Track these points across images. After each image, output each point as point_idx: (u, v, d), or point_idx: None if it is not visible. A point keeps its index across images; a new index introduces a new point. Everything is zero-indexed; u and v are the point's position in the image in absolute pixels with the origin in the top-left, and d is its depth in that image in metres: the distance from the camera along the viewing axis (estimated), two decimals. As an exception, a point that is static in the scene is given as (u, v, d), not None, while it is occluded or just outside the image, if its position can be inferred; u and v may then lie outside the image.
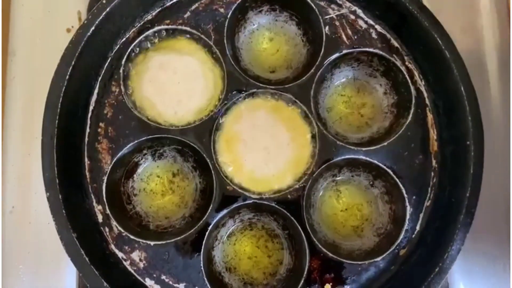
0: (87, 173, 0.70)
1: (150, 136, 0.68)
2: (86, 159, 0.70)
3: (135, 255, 0.69)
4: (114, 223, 0.67)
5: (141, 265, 0.69)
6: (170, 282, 0.68)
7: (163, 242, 0.67)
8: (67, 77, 0.65)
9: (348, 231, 0.72)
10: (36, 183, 0.76)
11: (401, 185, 0.68)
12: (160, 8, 0.73)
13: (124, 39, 0.72)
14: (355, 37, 0.73)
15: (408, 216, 0.67)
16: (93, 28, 0.66)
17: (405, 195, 0.67)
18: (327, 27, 0.72)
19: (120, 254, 0.69)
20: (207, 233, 0.66)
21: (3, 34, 0.80)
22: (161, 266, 0.68)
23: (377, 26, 0.74)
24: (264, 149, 0.69)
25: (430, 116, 0.72)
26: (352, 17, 0.74)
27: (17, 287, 0.75)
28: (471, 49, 0.80)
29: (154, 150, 0.71)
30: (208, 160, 0.68)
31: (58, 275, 0.75)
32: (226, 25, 0.70)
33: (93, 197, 0.70)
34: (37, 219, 0.76)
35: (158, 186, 0.71)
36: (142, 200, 0.71)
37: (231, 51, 0.71)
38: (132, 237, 0.66)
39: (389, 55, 0.71)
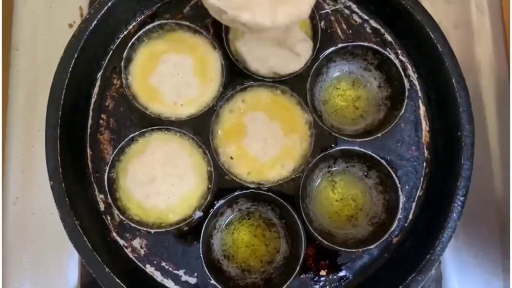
0: (90, 163, 0.72)
1: (149, 128, 0.70)
2: (88, 150, 0.72)
3: (136, 243, 0.70)
4: (116, 211, 0.69)
5: (142, 252, 0.70)
6: (170, 269, 0.70)
7: (163, 230, 0.68)
8: (70, 69, 0.66)
9: (343, 220, 0.73)
10: (39, 175, 0.77)
11: (394, 175, 0.69)
12: (161, 3, 0.75)
13: (125, 33, 0.74)
14: (350, 32, 0.75)
15: (401, 206, 0.69)
16: (95, 22, 0.68)
17: (398, 185, 0.69)
18: (322, 22, 0.74)
19: (122, 242, 0.71)
20: (205, 222, 0.68)
21: (6, 29, 0.81)
22: (161, 253, 0.70)
23: (371, 21, 0.75)
24: (262, 140, 0.71)
25: (422, 108, 0.74)
26: (347, 12, 0.76)
27: (20, 277, 0.76)
28: (463, 42, 0.82)
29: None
30: (207, 152, 0.70)
31: (60, 265, 0.76)
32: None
33: (95, 186, 0.71)
34: (40, 210, 0.77)
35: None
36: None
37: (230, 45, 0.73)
38: (133, 225, 0.68)
39: (383, 49, 0.72)
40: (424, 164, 0.73)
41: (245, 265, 0.72)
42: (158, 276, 0.70)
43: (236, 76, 0.72)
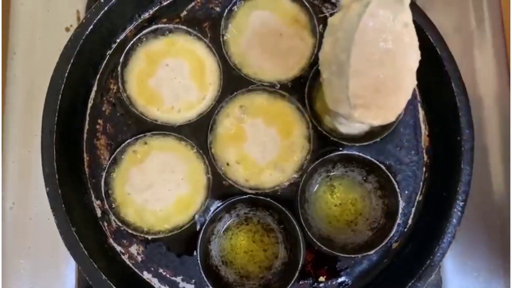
0: (86, 169, 0.71)
1: (147, 133, 0.70)
2: (85, 155, 0.71)
3: (133, 249, 0.70)
4: (112, 217, 0.68)
5: (139, 258, 0.70)
6: (168, 276, 0.70)
7: (161, 236, 0.68)
8: (66, 74, 0.66)
9: (342, 225, 0.73)
10: (36, 180, 0.77)
11: (393, 180, 0.69)
12: (158, 7, 0.74)
13: (122, 37, 0.74)
14: (349, 35, 0.74)
15: (400, 211, 0.69)
16: (91, 26, 0.68)
17: (398, 190, 0.69)
18: (321, 26, 0.74)
19: (118, 248, 0.70)
20: (203, 227, 0.67)
21: (3, 33, 0.81)
22: (159, 259, 0.70)
23: (370, 25, 0.75)
24: (261, 145, 0.71)
25: (422, 112, 0.74)
26: (346, 15, 0.75)
27: (17, 282, 0.76)
28: (463, 46, 0.81)
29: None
30: (204, 157, 0.69)
31: (57, 270, 0.76)
32: (222, 25, 0.72)
33: (92, 192, 0.71)
34: (37, 215, 0.77)
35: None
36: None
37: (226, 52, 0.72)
38: (130, 231, 0.68)
39: (382, 52, 0.72)
40: (424, 168, 0.73)
41: (244, 271, 0.71)
42: (155, 283, 0.70)
43: (234, 80, 0.72)
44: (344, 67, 0.56)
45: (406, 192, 0.72)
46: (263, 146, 0.71)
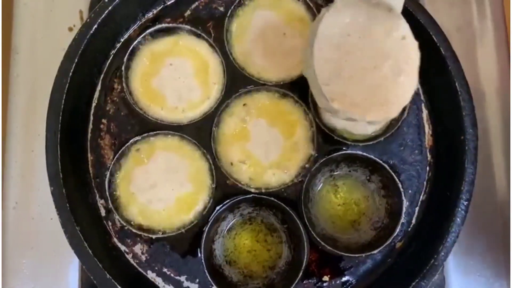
0: (90, 169, 0.71)
1: (150, 133, 0.70)
2: (89, 155, 0.72)
3: (137, 248, 0.70)
4: (117, 217, 0.69)
5: (143, 258, 0.70)
6: (172, 275, 0.70)
7: (165, 235, 0.68)
8: (70, 74, 0.66)
9: (345, 224, 0.73)
10: (39, 180, 0.77)
11: (397, 180, 0.69)
12: (161, 6, 0.75)
13: (125, 37, 0.74)
14: (352, 35, 0.75)
15: (404, 210, 0.69)
16: (95, 26, 0.68)
17: (401, 189, 0.69)
18: (324, 25, 0.74)
19: (123, 247, 0.70)
20: (207, 227, 0.67)
21: (6, 33, 0.81)
22: (163, 259, 0.70)
23: (373, 24, 0.75)
24: (264, 144, 0.71)
25: (425, 112, 0.74)
26: (349, 15, 0.75)
27: (20, 282, 0.76)
28: (466, 45, 0.81)
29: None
30: (208, 156, 0.70)
31: (60, 270, 0.76)
32: (225, 24, 0.72)
33: (96, 191, 0.71)
34: (40, 215, 0.77)
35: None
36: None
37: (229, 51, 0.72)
38: (134, 230, 0.68)
39: (385, 52, 0.72)
40: (427, 168, 0.73)
41: (247, 271, 0.71)
42: (159, 282, 0.70)
43: (238, 80, 0.72)
44: (309, 59, 0.59)
45: (410, 191, 0.72)
46: (267, 146, 0.71)
